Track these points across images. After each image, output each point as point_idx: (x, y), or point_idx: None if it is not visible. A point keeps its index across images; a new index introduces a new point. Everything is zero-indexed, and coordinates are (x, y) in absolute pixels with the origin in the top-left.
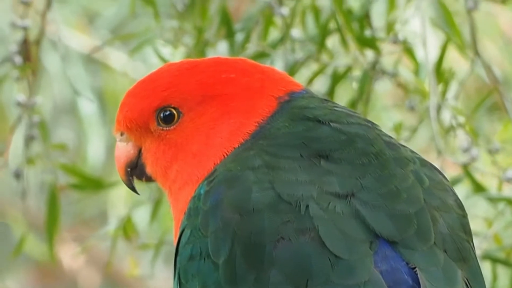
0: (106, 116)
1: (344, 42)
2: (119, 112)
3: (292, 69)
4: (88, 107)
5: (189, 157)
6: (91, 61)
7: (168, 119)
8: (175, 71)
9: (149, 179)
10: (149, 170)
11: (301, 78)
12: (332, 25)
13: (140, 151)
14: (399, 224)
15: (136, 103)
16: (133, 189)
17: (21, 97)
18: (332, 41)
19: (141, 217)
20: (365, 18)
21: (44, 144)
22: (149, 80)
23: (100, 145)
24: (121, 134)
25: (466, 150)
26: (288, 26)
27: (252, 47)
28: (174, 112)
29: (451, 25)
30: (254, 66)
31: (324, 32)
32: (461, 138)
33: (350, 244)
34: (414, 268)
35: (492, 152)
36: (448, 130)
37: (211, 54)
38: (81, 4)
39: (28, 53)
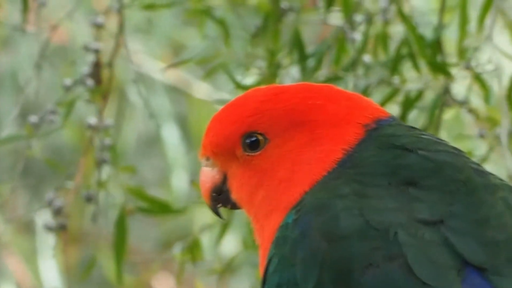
0: (191, 145)
1: (416, 67)
2: (205, 137)
3: (364, 92)
4: (172, 136)
5: (275, 183)
6: (176, 91)
7: (254, 145)
8: (261, 97)
9: (234, 206)
10: (234, 196)
11: None
12: (404, 50)
13: (225, 177)
14: (488, 250)
15: (222, 128)
16: (217, 214)
17: (93, 119)
18: (404, 67)
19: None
20: (437, 44)
21: (114, 167)
22: (235, 106)
23: (185, 174)
24: (207, 159)
25: None
26: (360, 51)
27: (324, 72)
28: (261, 138)
29: None
30: (341, 93)
31: (397, 57)
32: None
33: (438, 271)
34: None
35: None
36: None
37: (283, 77)
38: (167, 35)
39: (99, 76)
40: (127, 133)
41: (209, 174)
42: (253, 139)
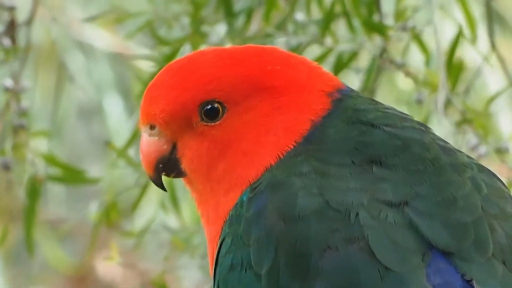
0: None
1: (351, 26)
2: (151, 105)
3: (295, 52)
4: (113, 106)
5: (239, 155)
6: (118, 59)
7: (212, 114)
8: (215, 61)
9: (178, 175)
10: (185, 166)
11: None
12: (338, 8)
13: (174, 147)
14: (455, 233)
15: (177, 95)
16: (161, 186)
17: (8, 81)
18: (338, 26)
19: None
20: (374, 3)
21: (27, 133)
22: (187, 71)
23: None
24: (151, 128)
25: (474, 148)
26: (291, 8)
27: (253, 29)
28: (219, 106)
29: (465, 15)
30: (294, 57)
31: (329, 16)
32: (469, 135)
33: (401, 255)
34: (470, 281)
35: (501, 151)
36: (458, 126)
37: (210, 35)
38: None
39: (14, 35)
40: (66, 102)
41: (154, 144)
42: (211, 107)
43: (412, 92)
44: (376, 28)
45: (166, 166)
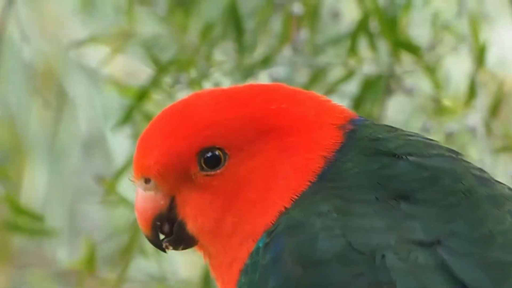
0: None
1: (373, 46)
2: (145, 156)
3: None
4: (119, 138)
5: (248, 205)
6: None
7: (213, 162)
8: (213, 104)
9: (188, 244)
10: (190, 226)
11: None
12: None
13: (172, 202)
14: (493, 275)
15: (171, 145)
16: (160, 246)
17: None
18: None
19: None
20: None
21: None
22: (183, 116)
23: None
24: (146, 181)
25: None
26: (311, 27)
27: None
28: (220, 153)
29: None
30: (300, 93)
31: (354, 35)
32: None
33: None
34: None
35: None
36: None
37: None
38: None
39: None
40: (66, 132)
41: (150, 200)
42: (211, 155)
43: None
44: (407, 47)
45: (165, 226)
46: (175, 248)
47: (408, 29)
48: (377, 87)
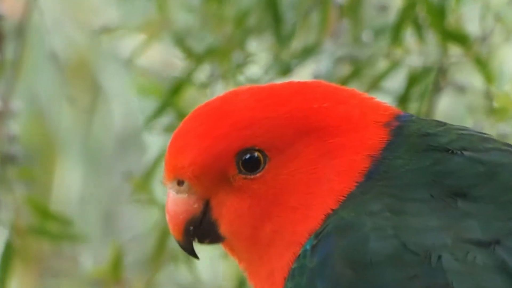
0: None
1: (420, 36)
2: (179, 157)
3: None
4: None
5: (288, 212)
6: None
7: (252, 165)
8: (253, 102)
9: (214, 241)
10: (224, 230)
11: None
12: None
13: (207, 206)
14: None
15: (210, 144)
16: (192, 253)
17: None
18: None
19: None
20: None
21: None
22: (220, 115)
23: None
24: (179, 184)
25: None
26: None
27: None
28: (259, 155)
29: None
30: (342, 90)
31: (399, 24)
32: None
33: None
34: None
35: None
36: None
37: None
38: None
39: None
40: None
41: (183, 203)
42: (251, 157)
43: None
44: (457, 37)
45: (198, 230)
46: (200, 241)
47: (459, 22)
48: (425, 81)
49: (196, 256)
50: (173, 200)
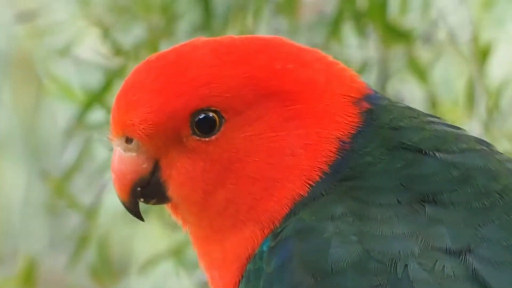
0: None
1: (360, 30)
2: (128, 112)
3: None
4: None
5: (245, 181)
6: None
7: (207, 126)
8: (213, 59)
9: (160, 201)
10: (173, 192)
11: None
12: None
13: (155, 166)
14: None
15: (164, 102)
16: (137, 214)
17: None
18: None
19: None
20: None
21: None
22: (176, 70)
23: None
24: (127, 141)
25: None
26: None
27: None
28: (215, 116)
29: None
30: (306, 52)
31: (338, 18)
32: None
33: None
34: None
35: None
36: None
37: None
38: None
39: None
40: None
41: (131, 163)
42: (205, 117)
43: None
44: (399, 34)
45: (145, 190)
46: (146, 201)
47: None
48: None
49: (141, 218)
50: (120, 159)
